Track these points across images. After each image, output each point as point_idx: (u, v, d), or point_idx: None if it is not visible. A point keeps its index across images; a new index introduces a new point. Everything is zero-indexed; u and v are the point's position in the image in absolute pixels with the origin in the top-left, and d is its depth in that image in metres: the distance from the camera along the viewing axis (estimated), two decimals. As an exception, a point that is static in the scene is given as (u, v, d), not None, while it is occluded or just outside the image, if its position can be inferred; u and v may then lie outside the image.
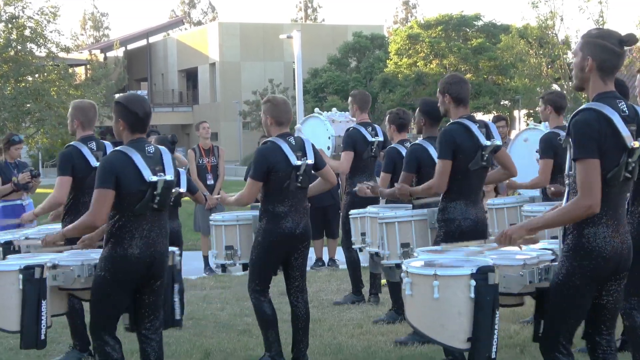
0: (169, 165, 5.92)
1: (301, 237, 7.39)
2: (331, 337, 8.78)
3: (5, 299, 5.91)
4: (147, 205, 5.84)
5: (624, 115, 4.72)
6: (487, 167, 6.98)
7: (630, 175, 4.75)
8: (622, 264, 4.80)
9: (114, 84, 50.24)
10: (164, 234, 5.98)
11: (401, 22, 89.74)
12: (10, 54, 35.15)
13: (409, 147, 8.32)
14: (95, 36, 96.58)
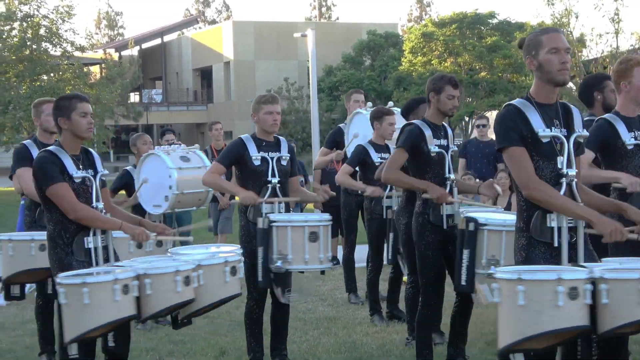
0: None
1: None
2: (346, 335, 8.80)
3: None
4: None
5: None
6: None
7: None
8: None
9: (129, 82, 50.35)
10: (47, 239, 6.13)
11: (415, 21, 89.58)
12: (25, 53, 35.26)
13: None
14: (110, 35, 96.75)
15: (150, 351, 8.23)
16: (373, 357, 7.93)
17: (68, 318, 5.48)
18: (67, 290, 5.43)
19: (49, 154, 6.04)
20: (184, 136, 64.78)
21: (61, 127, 6.11)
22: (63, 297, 5.44)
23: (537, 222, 4.81)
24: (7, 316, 10.24)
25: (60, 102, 6.15)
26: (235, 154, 7.47)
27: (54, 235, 5.98)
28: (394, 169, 7.10)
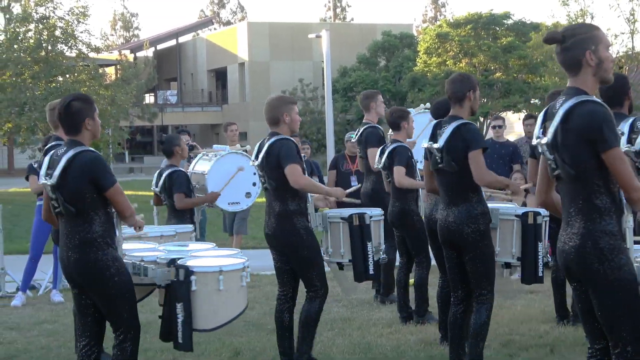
0: (58, 170, 5.77)
1: (268, 240, 7.45)
2: (360, 336, 8.79)
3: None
4: (52, 208, 5.91)
5: (554, 112, 4.76)
6: (445, 169, 6.89)
7: (555, 172, 4.76)
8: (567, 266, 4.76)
9: (144, 83, 50.44)
10: (72, 241, 5.83)
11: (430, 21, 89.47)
12: (41, 54, 35.35)
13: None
14: (125, 36, 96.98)
15: (164, 351, 8.24)
16: (388, 359, 7.92)
17: (202, 306, 6.10)
18: (200, 277, 6.05)
19: (97, 153, 5.98)
20: (198, 137, 64.86)
21: (85, 127, 5.91)
22: (195, 285, 6.07)
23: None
24: (22, 317, 10.27)
25: (87, 102, 5.95)
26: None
27: (103, 235, 5.80)
28: (488, 170, 7.03)
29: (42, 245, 11.35)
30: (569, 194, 4.71)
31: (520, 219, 7.62)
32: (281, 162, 7.17)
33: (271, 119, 7.43)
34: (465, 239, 6.80)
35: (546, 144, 4.72)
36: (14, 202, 27.10)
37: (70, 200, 5.76)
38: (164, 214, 9.58)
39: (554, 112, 4.74)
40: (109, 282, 5.79)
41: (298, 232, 7.27)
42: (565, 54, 4.80)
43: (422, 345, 8.25)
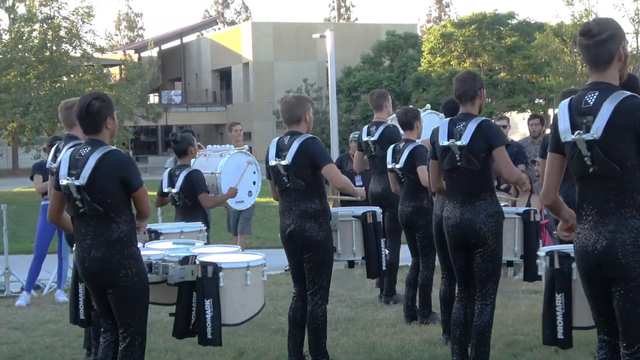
0: (87, 170, 5.73)
1: (290, 239, 7.32)
2: (364, 336, 8.78)
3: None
4: (73, 209, 5.84)
5: (584, 107, 4.66)
6: (463, 167, 6.83)
7: (592, 170, 4.65)
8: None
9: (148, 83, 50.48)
10: (97, 240, 5.78)
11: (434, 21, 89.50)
12: (45, 54, 35.40)
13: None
14: (130, 36, 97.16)
15: (169, 351, 8.24)
16: (392, 359, 7.91)
17: (230, 301, 6.28)
18: (228, 273, 6.25)
19: (126, 154, 5.99)
20: (203, 137, 64.90)
21: (105, 127, 5.87)
22: (222, 280, 6.26)
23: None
24: (27, 316, 10.28)
25: (106, 102, 5.91)
26: None
27: (129, 234, 5.78)
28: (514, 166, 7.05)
29: (47, 245, 11.36)
30: (602, 191, 4.63)
31: (521, 217, 7.63)
32: (318, 162, 7.17)
33: (292, 118, 7.38)
34: (482, 237, 6.78)
35: (590, 141, 4.60)
36: (19, 202, 27.13)
37: (99, 200, 5.73)
38: (168, 213, 9.57)
39: (584, 107, 4.66)
40: (129, 282, 5.78)
41: (324, 232, 7.29)
42: (600, 48, 4.69)
43: (426, 345, 8.25)
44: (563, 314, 5.44)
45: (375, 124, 10.37)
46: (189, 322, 6.51)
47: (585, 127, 4.63)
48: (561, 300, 5.47)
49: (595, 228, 4.64)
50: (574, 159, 4.71)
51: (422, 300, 9.24)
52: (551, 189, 4.89)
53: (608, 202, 4.62)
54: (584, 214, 4.71)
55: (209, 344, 6.45)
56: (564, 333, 5.46)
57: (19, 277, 12.08)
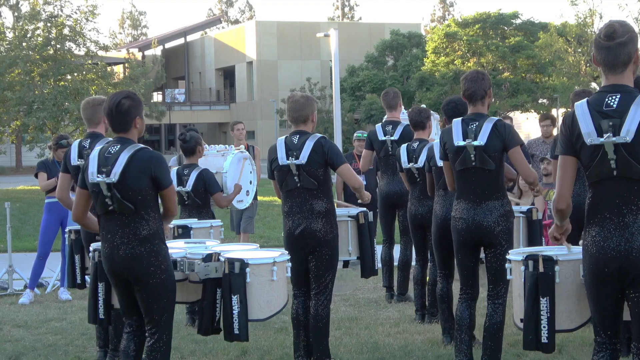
0: (119, 168, 5.76)
1: (301, 239, 7.28)
2: (368, 335, 8.78)
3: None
4: (102, 206, 5.85)
5: (607, 110, 4.64)
6: (477, 167, 6.84)
7: (616, 172, 4.63)
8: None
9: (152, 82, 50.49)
10: (126, 237, 5.80)
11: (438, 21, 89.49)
12: (49, 52, 35.43)
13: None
14: (134, 35, 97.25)
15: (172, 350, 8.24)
16: (395, 358, 7.90)
17: (257, 297, 6.40)
18: (255, 269, 6.38)
19: (157, 152, 6.04)
20: (206, 135, 64.95)
21: (135, 125, 5.93)
22: (249, 276, 6.38)
23: None
24: (30, 314, 10.28)
25: (136, 101, 5.96)
26: None
27: (158, 231, 5.81)
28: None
29: (50, 243, 11.36)
30: (624, 194, 4.63)
31: (525, 216, 7.67)
32: (333, 161, 7.19)
33: (301, 117, 7.36)
34: (496, 236, 6.81)
35: (619, 143, 4.58)
36: (22, 200, 27.16)
37: (129, 198, 5.76)
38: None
39: (607, 110, 4.63)
40: (158, 278, 5.81)
41: (333, 231, 7.30)
42: (621, 49, 4.67)
43: (430, 345, 8.25)
44: (548, 318, 5.44)
45: (390, 123, 10.36)
46: (214, 318, 6.54)
47: (613, 130, 4.61)
48: (546, 304, 5.46)
49: (617, 231, 4.63)
50: (596, 162, 4.68)
51: (433, 298, 9.23)
52: (566, 192, 4.86)
53: (630, 204, 4.62)
54: (601, 217, 4.69)
55: (235, 339, 6.51)
56: (547, 337, 5.46)
57: (22, 275, 12.08)
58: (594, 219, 4.71)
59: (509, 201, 6.99)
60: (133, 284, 5.85)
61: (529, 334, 5.49)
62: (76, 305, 10.65)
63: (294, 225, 7.28)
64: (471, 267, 7.03)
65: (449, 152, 6.96)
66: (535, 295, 5.38)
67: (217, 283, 6.51)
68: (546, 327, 5.42)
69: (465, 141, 6.82)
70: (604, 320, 4.78)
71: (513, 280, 5.86)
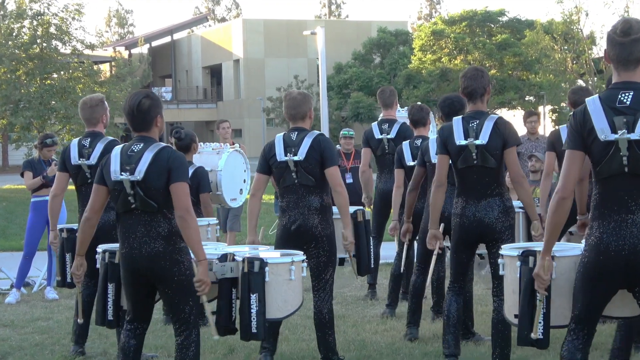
0: (143, 165, 5.80)
1: (297, 235, 7.27)
2: (355, 333, 8.79)
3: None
4: (124, 205, 5.86)
5: (620, 106, 4.65)
6: (478, 165, 6.90)
7: (628, 169, 4.65)
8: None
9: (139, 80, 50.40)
10: (149, 235, 5.82)
11: (425, 18, 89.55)
12: (35, 51, 35.32)
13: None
14: (120, 33, 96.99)
15: (159, 348, 8.23)
16: (382, 356, 7.91)
17: (275, 296, 6.47)
18: (273, 268, 6.43)
19: (179, 152, 6.13)
20: (193, 134, 64.77)
21: (155, 124, 6.00)
22: (268, 276, 6.40)
23: None
24: (16, 314, 10.25)
25: (156, 100, 6.02)
26: None
27: (178, 229, 5.78)
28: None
29: (37, 242, 11.33)
30: (635, 190, 4.65)
31: (524, 211, 7.81)
32: (325, 160, 7.19)
33: (298, 114, 7.36)
34: (499, 232, 6.90)
35: (634, 141, 4.59)
36: (9, 199, 27.09)
37: (152, 196, 5.79)
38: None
39: (621, 106, 4.65)
40: (183, 275, 5.81)
41: (330, 227, 7.33)
42: (635, 46, 4.68)
43: (417, 342, 8.26)
44: (544, 314, 5.43)
45: (387, 121, 10.37)
46: (230, 318, 6.51)
47: (627, 126, 4.62)
48: (542, 300, 5.46)
49: (625, 227, 4.65)
50: (608, 158, 4.69)
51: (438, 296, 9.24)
52: (571, 185, 4.83)
53: (638, 200, 4.64)
54: (608, 213, 4.70)
55: (253, 338, 6.52)
56: (543, 333, 5.46)
57: (8, 275, 12.04)
58: (601, 215, 4.73)
59: (509, 197, 7.06)
60: (157, 284, 5.87)
61: (524, 329, 5.51)
62: (63, 304, 10.62)
63: (290, 221, 7.28)
64: (465, 264, 7.12)
65: (451, 150, 7.02)
66: (532, 291, 5.39)
67: (233, 283, 6.50)
68: (542, 322, 5.44)
69: (467, 140, 6.88)
70: (588, 321, 4.84)
71: (506, 276, 5.87)
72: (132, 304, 6.05)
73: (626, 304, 4.83)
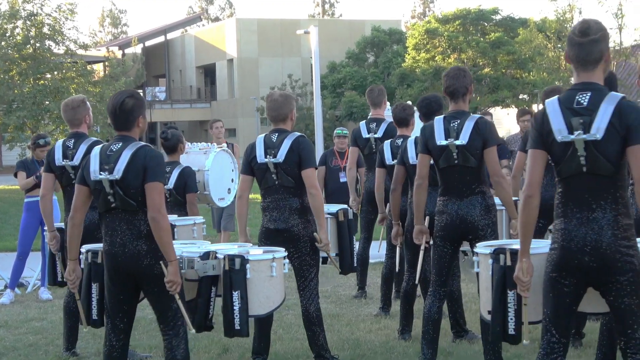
0: (121, 164, 5.80)
1: (277, 234, 7.29)
2: (349, 332, 8.80)
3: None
4: (104, 204, 5.86)
5: (578, 107, 4.71)
6: (462, 165, 6.96)
7: (586, 168, 4.70)
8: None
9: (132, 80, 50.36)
10: (131, 234, 5.81)
11: (419, 17, 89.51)
12: (28, 51, 35.26)
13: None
14: (114, 33, 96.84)
15: (153, 348, 8.24)
16: (377, 354, 7.92)
17: (257, 293, 6.51)
18: (255, 265, 6.48)
19: (158, 151, 6.10)
20: (187, 134, 64.78)
21: (137, 124, 5.99)
22: (249, 272, 6.45)
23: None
24: (10, 314, 10.25)
25: (139, 100, 6.00)
26: None
27: (150, 230, 5.79)
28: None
29: (30, 242, 11.32)
30: (593, 189, 4.71)
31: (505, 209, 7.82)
32: (303, 162, 7.20)
33: (280, 116, 7.38)
34: (482, 229, 6.98)
35: (591, 141, 4.64)
36: (3, 200, 27.07)
37: (131, 195, 5.79)
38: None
39: (578, 107, 4.70)
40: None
41: (311, 227, 7.32)
42: (593, 46, 4.74)
43: (411, 341, 8.28)
44: (515, 310, 5.56)
45: (374, 120, 10.40)
46: (207, 315, 6.57)
47: (583, 127, 4.67)
48: (513, 297, 5.56)
49: (586, 224, 4.71)
50: (567, 158, 4.75)
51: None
52: (536, 183, 4.88)
53: (599, 199, 4.70)
54: (570, 211, 4.76)
55: (236, 334, 6.57)
56: (515, 329, 5.59)
57: (2, 275, 12.04)
58: (563, 213, 4.80)
59: (491, 195, 7.14)
60: (142, 283, 5.87)
61: (497, 325, 5.62)
62: (57, 304, 10.61)
63: (270, 221, 7.32)
64: (446, 265, 7.14)
65: (432, 150, 7.07)
66: (503, 289, 5.51)
67: (213, 281, 6.54)
68: (513, 319, 5.55)
69: (448, 140, 6.94)
70: (560, 318, 4.85)
71: (480, 273, 5.97)
72: (115, 303, 6.01)
73: (599, 299, 4.87)
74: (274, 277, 6.67)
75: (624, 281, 4.66)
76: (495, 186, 7.08)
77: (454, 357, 7.74)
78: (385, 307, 9.60)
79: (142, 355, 8.04)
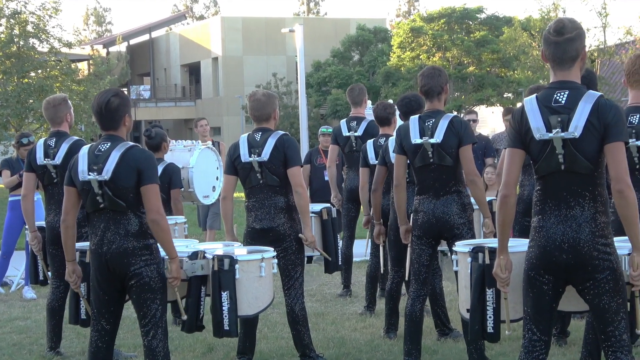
0: (111, 165, 5.79)
1: (262, 234, 7.29)
2: (334, 330, 8.80)
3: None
4: (93, 204, 5.85)
5: (556, 106, 4.74)
6: (437, 164, 6.99)
7: (564, 166, 4.72)
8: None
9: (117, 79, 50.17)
10: (118, 234, 5.79)
11: (404, 16, 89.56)
12: (12, 49, 35.11)
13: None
14: (98, 31, 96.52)
15: (138, 347, 8.21)
16: (362, 353, 7.93)
17: (246, 293, 6.52)
18: (244, 266, 6.47)
19: (149, 151, 6.12)
20: (172, 132, 64.68)
21: (124, 123, 5.97)
22: (238, 273, 6.44)
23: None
24: (-6, 314, 10.21)
25: (125, 99, 5.98)
26: None
27: (147, 227, 5.79)
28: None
29: (15, 241, 11.29)
30: (571, 187, 4.73)
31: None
32: (288, 161, 7.20)
33: (263, 116, 7.38)
34: (458, 227, 7.01)
35: (569, 139, 4.67)
36: (-14, 199, 26.90)
37: (120, 195, 5.78)
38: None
39: (556, 106, 4.73)
40: (152, 273, 5.81)
41: (296, 226, 7.33)
42: (569, 45, 4.77)
43: (396, 340, 8.28)
44: (493, 309, 5.58)
45: (355, 119, 10.43)
46: (198, 315, 6.54)
47: (561, 125, 4.70)
48: (492, 295, 5.57)
49: (564, 222, 4.73)
50: (545, 156, 4.77)
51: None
52: (512, 181, 4.92)
53: (577, 197, 4.72)
54: (549, 209, 4.79)
55: (225, 335, 6.56)
56: (493, 327, 5.61)
57: (-14, 274, 11.98)
58: (541, 211, 4.82)
59: (467, 194, 7.17)
60: (127, 281, 5.83)
61: (475, 324, 5.65)
62: (41, 303, 10.57)
63: (255, 220, 7.33)
64: (425, 264, 7.16)
65: (407, 149, 7.09)
66: (482, 287, 5.53)
67: (202, 281, 6.52)
68: (492, 317, 5.58)
69: (422, 139, 6.97)
70: (540, 316, 4.87)
71: (459, 271, 6.00)
72: (101, 304, 5.99)
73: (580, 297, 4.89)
74: (263, 278, 6.66)
75: (602, 279, 4.69)
76: (470, 185, 7.10)
77: (438, 355, 7.75)
78: (370, 306, 9.61)
79: (127, 354, 8.02)
